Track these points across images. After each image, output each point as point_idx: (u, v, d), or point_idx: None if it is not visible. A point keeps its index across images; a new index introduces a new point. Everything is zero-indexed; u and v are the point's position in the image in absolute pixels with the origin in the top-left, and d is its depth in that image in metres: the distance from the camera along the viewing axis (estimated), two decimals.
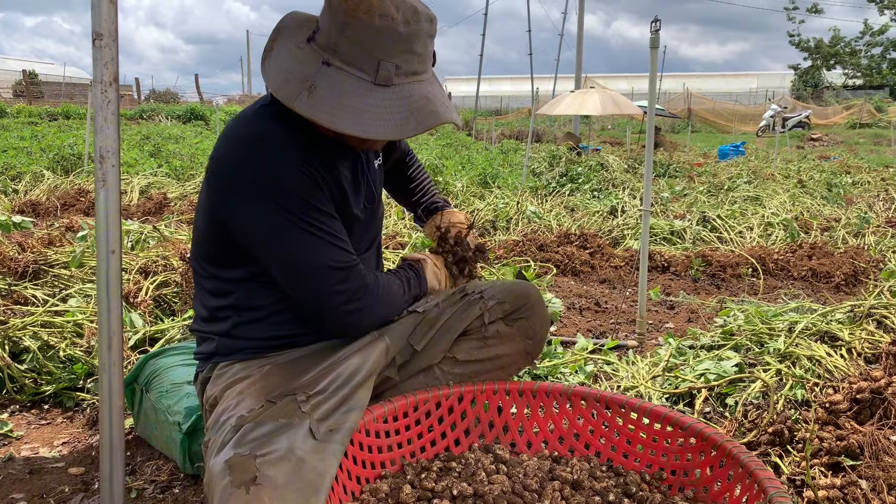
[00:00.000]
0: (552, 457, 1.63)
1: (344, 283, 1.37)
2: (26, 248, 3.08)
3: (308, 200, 1.31)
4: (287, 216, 1.30)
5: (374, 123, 1.25)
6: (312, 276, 1.34)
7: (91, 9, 1.19)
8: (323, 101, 1.24)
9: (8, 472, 1.88)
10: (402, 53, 1.26)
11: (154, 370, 2.03)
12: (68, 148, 8.79)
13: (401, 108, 1.27)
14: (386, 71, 1.25)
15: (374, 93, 1.25)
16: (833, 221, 5.85)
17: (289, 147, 1.32)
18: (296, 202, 1.30)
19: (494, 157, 10.96)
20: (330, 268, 1.34)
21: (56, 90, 33.12)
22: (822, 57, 40.27)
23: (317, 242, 1.33)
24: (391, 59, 1.25)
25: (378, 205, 1.64)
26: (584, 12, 18.76)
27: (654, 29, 2.68)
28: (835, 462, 1.73)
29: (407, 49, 1.26)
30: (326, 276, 1.34)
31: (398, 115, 1.26)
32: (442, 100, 1.34)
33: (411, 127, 1.27)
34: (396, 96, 1.27)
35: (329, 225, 1.35)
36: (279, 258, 1.33)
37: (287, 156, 1.31)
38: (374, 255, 1.68)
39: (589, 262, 4.51)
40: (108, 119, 1.22)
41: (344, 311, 1.39)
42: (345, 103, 1.24)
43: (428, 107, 1.29)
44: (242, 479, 1.13)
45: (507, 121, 28.12)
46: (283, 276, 1.36)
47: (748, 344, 2.62)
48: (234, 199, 1.32)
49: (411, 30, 1.26)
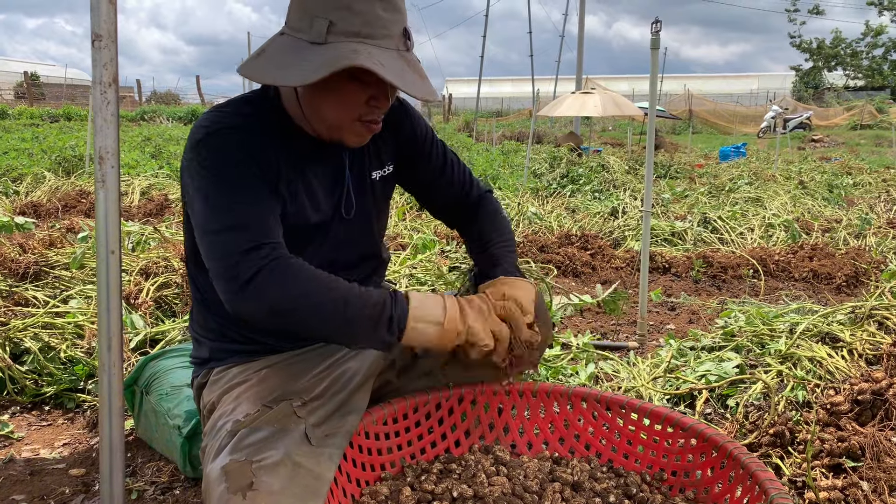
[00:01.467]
0: (552, 458, 1.62)
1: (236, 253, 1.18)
2: (27, 249, 3.08)
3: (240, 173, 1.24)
4: (212, 184, 1.23)
5: (288, 73, 1.19)
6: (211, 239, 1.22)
7: (90, 10, 1.19)
8: (261, 62, 1.24)
9: (9, 474, 1.88)
10: (337, 10, 1.18)
11: (154, 372, 2.03)
12: (69, 149, 8.81)
13: (322, 59, 1.16)
14: (319, 26, 1.18)
15: (307, 50, 1.19)
16: (834, 222, 5.85)
17: (243, 120, 1.29)
18: (226, 173, 1.23)
19: (495, 159, 10.97)
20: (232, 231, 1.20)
21: (57, 92, 33.17)
22: (824, 58, 40.28)
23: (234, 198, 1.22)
24: (324, 16, 1.18)
25: (364, 223, 1.51)
26: (584, 13, 18.78)
27: (654, 30, 2.68)
28: (836, 463, 1.73)
29: (342, 5, 1.17)
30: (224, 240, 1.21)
31: (316, 63, 1.16)
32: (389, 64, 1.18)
33: (321, 71, 1.14)
34: (327, 51, 1.17)
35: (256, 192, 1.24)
36: (195, 217, 1.26)
37: (237, 125, 1.27)
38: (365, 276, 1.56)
39: (590, 264, 4.51)
40: (108, 120, 1.22)
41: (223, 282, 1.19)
42: (277, 60, 1.22)
43: (347, 55, 1.15)
44: (239, 485, 1.12)
45: (508, 122, 28.15)
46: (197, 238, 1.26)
47: (749, 345, 2.61)
48: (183, 174, 1.30)
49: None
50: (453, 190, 1.65)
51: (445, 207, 1.69)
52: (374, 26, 1.19)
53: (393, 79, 1.16)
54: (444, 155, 1.62)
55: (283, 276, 1.18)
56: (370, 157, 1.49)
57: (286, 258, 1.21)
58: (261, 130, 1.30)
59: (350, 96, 1.25)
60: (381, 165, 1.52)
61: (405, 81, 1.19)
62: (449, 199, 1.66)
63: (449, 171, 1.63)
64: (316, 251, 1.42)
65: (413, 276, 3.47)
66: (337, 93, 1.24)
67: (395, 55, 1.21)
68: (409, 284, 3.36)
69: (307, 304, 1.18)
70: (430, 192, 1.65)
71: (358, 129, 1.31)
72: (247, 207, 1.23)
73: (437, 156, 1.61)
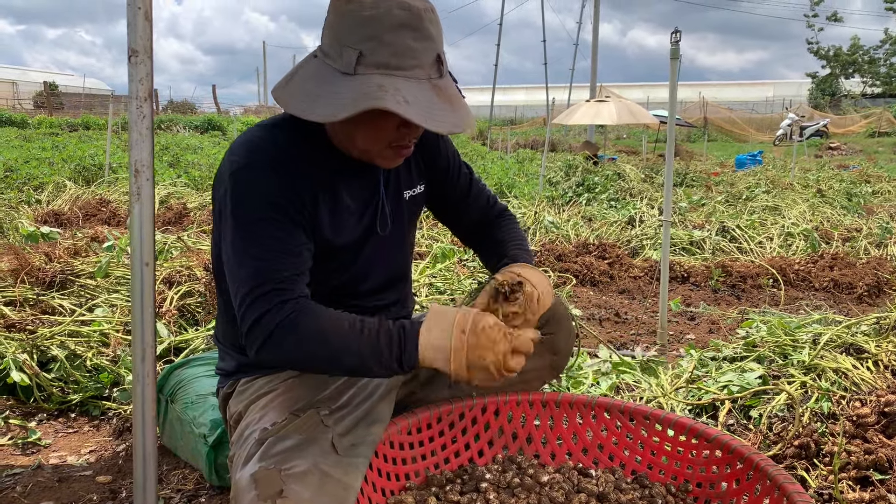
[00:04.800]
0: (577, 469, 1.62)
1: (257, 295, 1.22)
2: (53, 258, 3.12)
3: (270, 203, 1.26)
4: (239, 221, 1.25)
5: (316, 106, 1.19)
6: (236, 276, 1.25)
7: (127, 26, 1.21)
8: (291, 87, 1.25)
9: (37, 480, 1.91)
10: (366, 40, 1.17)
11: (179, 380, 2.05)
12: (89, 159, 8.93)
13: (349, 94, 1.16)
14: (348, 57, 1.18)
15: (337, 80, 1.19)
16: (854, 231, 5.79)
17: (275, 149, 1.30)
18: (253, 214, 1.25)
19: (510, 167, 10.97)
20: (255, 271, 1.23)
21: (76, 101, 33.64)
22: (841, 65, 39.96)
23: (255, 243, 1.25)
24: (354, 46, 1.18)
25: (398, 239, 1.53)
26: (598, 22, 18.80)
27: (674, 40, 2.68)
28: (863, 476, 1.72)
29: (371, 36, 1.17)
30: (246, 277, 1.24)
31: (343, 100, 1.16)
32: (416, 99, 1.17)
33: (346, 111, 1.15)
34: (355, 84, 1.17)
35: (279, 236, 1.26)
36: (224, 251, 1.29)
37: (270, 159, 1.28)
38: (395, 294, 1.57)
39: (608, 273, 4.50)
40: (143, 133, 1.24)
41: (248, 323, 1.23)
42: (306, 88, 1.22)
43: (374, 93, 1.14)
44: (269, 493, 1.14)
45: (522, 130, 28.16)
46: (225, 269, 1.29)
47: (771, 356, 2.59)
48: (216, 189, 1.32)
49: (376, 13, 1.17)
50: (478, 207, 1.67)
51: (471, 225, 1.70)
52: (403, 57, 1.18)
53: (417, 117, 1.15)
54: (469, 174, 1.65)
55: (298, 333, 1.20)
56: (403, 175, 1.51)
57: (301, 311, 1.22)
58: (295, 156, 1.31)
59: (380, 125, 1.26)
60: (412, 185, 1.53)
61: (431, 117, 1.18)
62: (474, 218, 1.68)
63: (475, 191, 1.66)
64: (346, 269, 1.44)
65: (432, 284, 3.49)
66: (367, 123, 1.25)
67: (426, 86, 1.21)
68: (428, 294, 3.37)
69: (321, 359, 1.22)
70: (458, 212, 1.67)
71: (389, 154, 1.33)
72: (269, 251, 1.24)
73: (463, 175, 1.64)
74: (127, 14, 1.19)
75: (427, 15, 1.20)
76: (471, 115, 1.28)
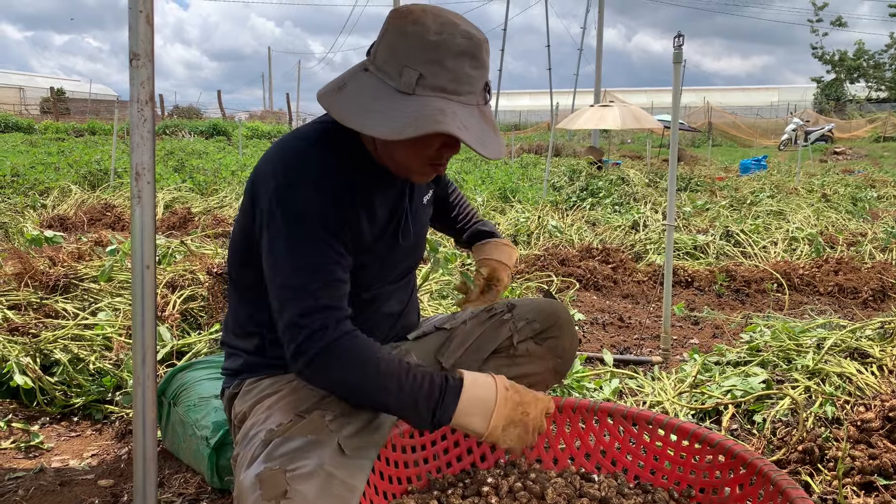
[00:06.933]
0: (580, 473, 1.62)
1: (306, 318, 1.24)
2: (57, 262, 3.13)
3: (320, 225, 1.28)
4: (284, 238, 1.27)
5: (376, 122, 1.21)
6: (284, 295, 1.27)
7: (129, 30, 1.22)
8: (343, 99, 1.26)
9: (39, 484, 1.91)
10: (429, 64, 1.21)
11: (182, 384, 2.05)
12: (95, 164, 8.96)
13: (409, 114, 1.19)
14: (408, 77, 1.21)
15: (394, 98, 1.22)
16: (859, 236, 5.77)
17: (319, 165, 1.32)
18: (307, 222, 1.27)
19: (514, 172, 10.98)
20: (303, 293, 1.25)
21: (82, 107, 33.81)
22: (846, 70, 39.87)
23: (308, 267, 1.27)
24: (415, 67, 1.21)
25: (415, 244, 1.58)
26: (603, 27, 18.81)
27: (676, 44, 2.68)
28: (867, 481, 1.70)
29: (434, 59, 1.20)
30: (295, 300, 1.26)
31: (404, 118, 1.19)
32: (470, 124, 1.23)
33: (409, 130, 1.18)
34: (414, 104, 1.20)
35: (329, 255, 1.28)
36: (269, 268, 1.30)
37: (315, 174, 1.30)
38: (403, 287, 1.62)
39: (611, 277, 4.49)
40: (144, 137, 1.24)
41: (293, 347, 1.26)
42: (360, 102, 1.24)
43: (435, 116, 1.18)
44: (273, 494, 1.14)
45: (527, 135, 28.18)
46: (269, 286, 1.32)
47: (775, 360, 2.58)
48: (256, 208, 1.33)
49: (441, 39, 1.21)
50: (450, 197, 1.87)
51: (447, 215, 1.89)
52: (461, 83, 1.23)
53: (474, 143, 1.21)
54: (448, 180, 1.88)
55: (342, 362, 1.25)
56: (424, 183, 1.56)
57: (348, 338, 1.26)
58: (336, 168, 1.33)
59: (425, 144, 1.30)
60: (427, 189, 1.61)
61: (484, 143, 1.24)
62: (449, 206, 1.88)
63: (445, 181, 1.84)
64: (368, 270, 1.46)
65: (435, 291, 3.48)
66: (412, 141, 1.27)
67: (476, 112, 1.26)
68: (430, 299, 3.37)
69: (361, 392, 1.27)
70: (443, 205, 1.85)
71: (426, 171, 1.38)
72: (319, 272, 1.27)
73: (449, 180, 1.85)
74: (128, 17, 1.20)
75: (485, 45, 1.27)
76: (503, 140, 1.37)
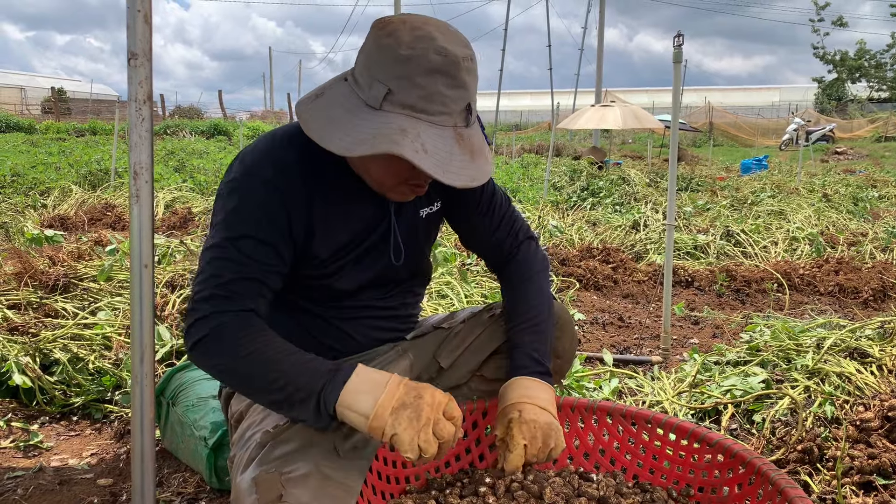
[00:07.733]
0: (578, 473, 1.61)
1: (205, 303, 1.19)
2: (57, 261, 3.13)
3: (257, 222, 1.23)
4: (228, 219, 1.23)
5: (333, 135, 1.15)
6: (199, 278, 1.23)
7: (127, 29, 1.22)
8: (315, 107, 1.22)
9: (38, 483, 1.91)
10: (398, 79, 1.13)
11: (180, 384, 2.05)
12: (95, 163, 8.98)
13: (369, 131, 1.13)
14: (377, 91, 1.15)
15: (362, 112, 1.16)
16: (860, 236, 5.77)
17: (277, 165, 1.26)
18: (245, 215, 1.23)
19: (515, 171, 10.98)
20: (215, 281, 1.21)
21: (83, 106, 33.85)
22: (847, 70, 39.83)
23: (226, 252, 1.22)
24: (385, 82, 1.14)
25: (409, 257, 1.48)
26: (604, 26, 18.81)
27: (676, 44, 2.68)
28: (867, 481, 1.70)
29: (403, 75, 1.13)
30: (205, 284, 1.21)
31: (363, 135, 1.13)
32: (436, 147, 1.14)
33: (362, 147, 1.12)
34: (378, 120, 1.14)
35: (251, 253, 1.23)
36: (201, 251, 1.26)
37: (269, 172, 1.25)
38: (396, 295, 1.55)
39: (612, 277, 4.49)
40: (142, 136, 1.24)
41: (185, 327, 1.23)
42: (329, 113, 1.19)
43: (393, 136, 1.11)
44: (269, 497, 1.13)
45: (527, 135, 28.20)
46: None
47: (775, 360, 2.58)
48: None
49: (412, 54, 1.13)
50: (497, 234, 1.59)
51: (484, 250, 1.64)
52: (432, 102, 1.15)
53: (431, 168, 1.11)
54: (492, 196, 1.56)
55: (225, 346, 1.18)
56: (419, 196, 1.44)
57: (236, 323, 1.19)
58: (298, 171, 1.28)
59: (396, 163, 1.20)
60: (429, 202, 1.49)
61: (447, 168, 1.14)
62: (488, 243, 1.61)
63: (497, 216, 1.58)
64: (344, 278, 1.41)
65: (435, 290, 3.48)
66: (383, 159, 1.20)
67: (449, 133, 1.17)
68: (429, 298, 3.37)
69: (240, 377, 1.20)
70: (474, 233, 1.61)
71: (402, 190, 1.30)
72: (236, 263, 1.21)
73: (486, 196, 1.55)
74: (126, 17, 1.20)
75: (465, 63, 1.17)
76: (490, 165, 1.23)
